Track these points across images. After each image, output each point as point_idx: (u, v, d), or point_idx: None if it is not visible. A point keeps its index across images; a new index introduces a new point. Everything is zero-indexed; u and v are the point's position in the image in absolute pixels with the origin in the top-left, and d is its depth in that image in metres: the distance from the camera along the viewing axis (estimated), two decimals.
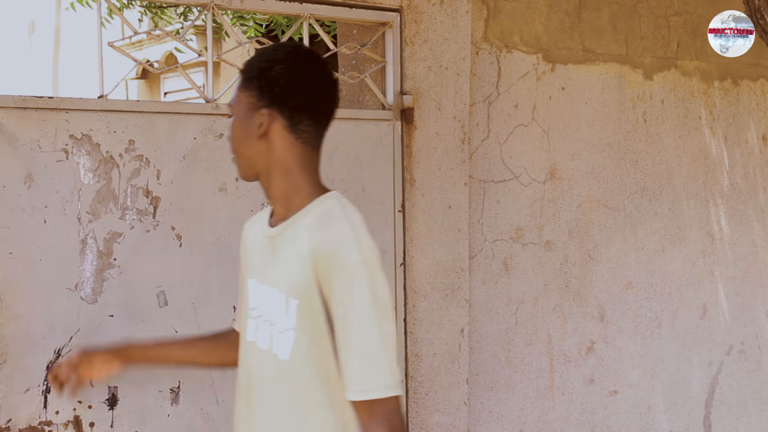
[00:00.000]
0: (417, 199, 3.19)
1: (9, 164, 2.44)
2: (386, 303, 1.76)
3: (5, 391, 2.44)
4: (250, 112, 1.87)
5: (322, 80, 1.88)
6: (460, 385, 3.33)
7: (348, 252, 1.74)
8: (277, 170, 1.88)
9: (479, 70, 3.43)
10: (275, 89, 1.84)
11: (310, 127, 1.87)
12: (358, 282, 1.73)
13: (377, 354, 1.72)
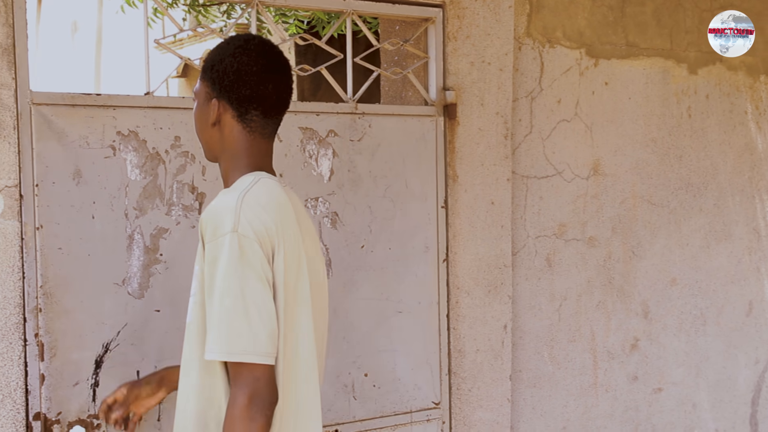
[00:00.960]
0: (460, 195, 3.17)
1: (58, 160, 2.46)
2: (255, 273, 1.80)
3: (55, 385, 2.47)
4: (206, 102, 2.01)
5: (269, 73, 1.98)
6: (503, 382, 3.30)
7: (221, 218, 1.83)
8: (226, 155, 2.02)
9: (522, 65, 3.40)
10: (224, 82, 1.96)
11: (258, 117, 1.99)
12: (225, 248, 1.80)
13: (236, 319, 1.79)
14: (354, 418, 2.99)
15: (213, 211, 1.86)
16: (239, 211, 1.83)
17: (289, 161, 2.84)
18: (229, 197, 1.87)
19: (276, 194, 1.93)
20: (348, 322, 2.98)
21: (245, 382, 1.78)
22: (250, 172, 1.98)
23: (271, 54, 2.00)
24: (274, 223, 1.86)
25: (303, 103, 2.87)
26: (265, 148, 2.04)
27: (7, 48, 2.38)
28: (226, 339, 1.78)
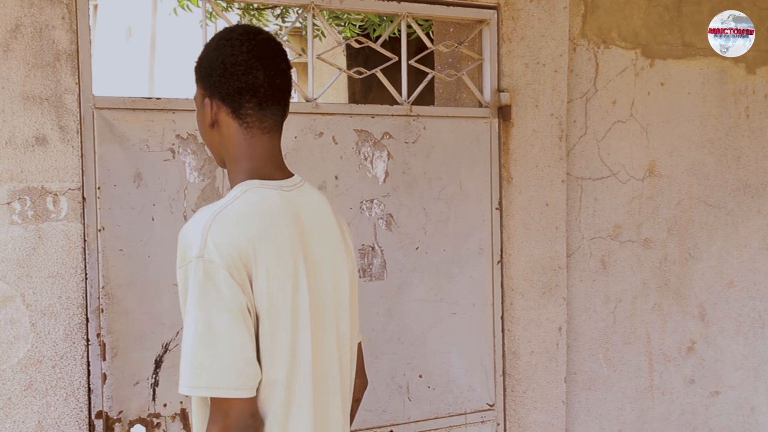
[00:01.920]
0: (514, 197, 3.14)
1: (119, 164, 2.49)
2: (222, 302, 1.66)
3: (116, 384, 2.49)
4: (202, 103, 1.86)
5: (256, 61, 1.81)
6: (557, 384, 3.27)
7: (189, 242, 1.70)
8: (227, 158, 1.88)
9: (577, 66, 3.36)
10: (213, 78, 1.82)
11: (253, 111, 1.83)
12: (191, 276, 1.67)
13: (201, 352, 1.66)
14: (408, 419, 2.98)
15: (183, 233, 1.73)
16: (206, 234, 1.68)
17: (344, 163, 2.84)
18: (201, 217, 1.73)
19: (262, 205, 1.78)
20: (403, 323, 2.96)
21: (215, 416, 1.68)
22: (246, 180, 1.82)
23: (256, 41, 1.84)
24: (250, 241, 1.71)
25: (358, 105, 2.87)
26: (267, 146, 1.87)
27: (70, 54, 2.41)
28: (190, 372, 1.66)
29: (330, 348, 1.90)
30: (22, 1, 2.34)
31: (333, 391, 1.91)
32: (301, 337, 1.78)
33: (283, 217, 1.79)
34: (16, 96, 2.34)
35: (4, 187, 2.34)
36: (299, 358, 1.78)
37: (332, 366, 1.90)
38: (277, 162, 1.89)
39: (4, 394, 2.35)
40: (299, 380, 1.79)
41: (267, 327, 1.73)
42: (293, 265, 1.77)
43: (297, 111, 2.75)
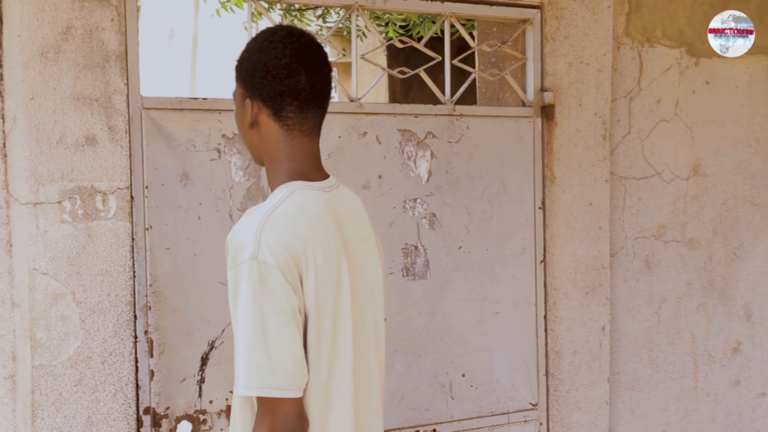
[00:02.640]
0: (557, 196, 3.12)
1: (166, 163, 2.51)
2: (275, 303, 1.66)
3: (163, 381, 2.52)
4: (242, 103, 1.86)
5: (299, 64, 1.79)
6: (601, 384, 3.23)
7: (242, 243, 1.69)
8: (266, 158, 1.87)
9: (620, 65, 3.32)
10: (255, 79, 1.81)
11: (294, 113, 1.82)
12: (244, 277, 1.67)
13: (255, 352, 1.66)
14: (451, 417, 2.97)
15: (235, 234, 1.73)
16: (260, 235, 1.68)
17: (387, 163, 2.83)
18: (253, 218, 1.74)
19: (308, 207, 1.77)
20: (446, 322, 2.95)
21: (263, 416, 1.69)
22: (288, 181, 1.83)
23: (299, 44, 1.81)
24: (300, 242, 1.71)
25: (402, 105, 2.86)
26: (307, 147, 1.86)
27: (119, 55, 2.43)
28: (246, 373, 1.67)
29: (369, 348, 1.91)
30: (72, 4, 2.37)
31: (372, 389, 1.92)
32: (343, 336, 1.79)
33: (327, 219, 1.79)
34: (67, 97, 2.37)
35: (55, 186, 2.37)
36: (341, 358, 1.79)
37: (372, 365, 1.92)
38: (317, 163, 1.89)
39: (56, 390, 2.38)
40: (341, 379, 1.79)
41: (314, 327, 1.74)
42: (337, 266, 1.77)
43: (341, 111, 2.75)
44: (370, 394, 1.91)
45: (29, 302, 2.35)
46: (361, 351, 1.86)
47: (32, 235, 2.34)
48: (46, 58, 2.34)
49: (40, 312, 2.36)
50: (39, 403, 2.37)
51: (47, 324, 2.37)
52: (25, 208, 2.34)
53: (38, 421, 2.37)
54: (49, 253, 2.36)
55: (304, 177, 1.84)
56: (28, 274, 2.35)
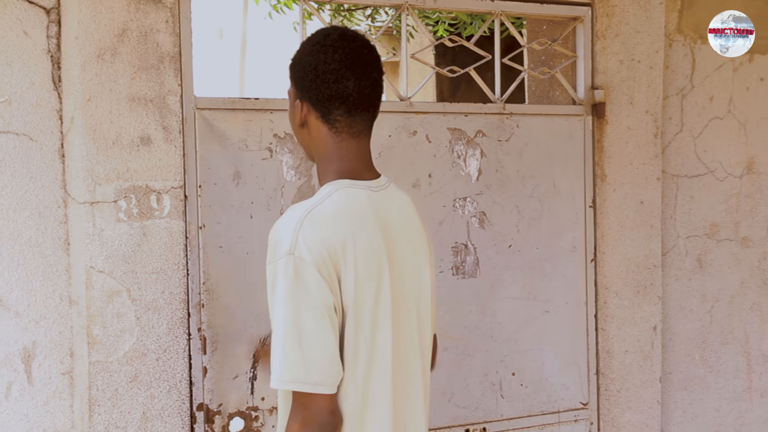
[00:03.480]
0: (608, 195, 3.07)
1: (219, 163, 2.52)
2: (310, 299, 1.67)
3: (216, 378, 2.53)
4: (294, 103, 1.86)
5: (347, 70, 1.79)
6: (652, 384, 3.18)
7: (280, 238, 1.70)
8: (317, 156, 1.88)
9: (672, 62, 3.27)
10: (305, 82, 1.82)
11: (342, 117, 1.81)
12: (281, 272, 1.68)
13: (289, 347, 1.67)
14: (501, 416, 2.94)
15: (275, 229, 1.75)
16: (298, 232, 1.69)
17: (437, 162, 2.81)
18: (293, 214, 1.74)
19: (351, 205, 1.77)
20: (495, 321, 2.93)
21: (296, 410, 1.70)
22: (335, 179, 1.82)
23: (350, 48, 1.80)
24: (339, 240, 1.71)
25: (452, 104, 2.84)
26: (356, 148, 1.85)
27: (173, 56, 2.45)
28: (280, 367, 1.68)
29: (413, 349, 1.89)
30: (128, 6, 2.39)
31: (415, 391, 1.90)
32: (382, 336, 1.78)
33: (370, 218, 1.78)
34: (123, 98, 2.39)
35: (111, 185, 2.39)
36: (379, 358, 1.78)
37: (415, 367, 1.90)
38: (367, 163, 1.88)
39: (112, 386, 2.41)
40: (379, 379, 1.78)
41: (351, 325, 1.73)
42: (378, 266, 1.76)
43: (391, 110, 2.74)
44: (413, 395, 1.89)
45: (86, 300, 2.37)
46: (403, 352, 1.85)
47: (89, 234, 2.37)
48: (103, 60, 2.36)
49: (96, 309, 2.38)
50: (96, 398, 2.39)
51: (104, 321, 2.39)
52: (82, 207, 2.36)
53: (95, 416, 2.39)
54: (105, 251, 2.38)
55: (352, 176, 1.84)
56: (85, 272, 2.37)
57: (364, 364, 1.76)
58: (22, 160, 2.38)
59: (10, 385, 2.40)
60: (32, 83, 2.39)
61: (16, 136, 2.37)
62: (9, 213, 2.38)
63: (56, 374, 2.45)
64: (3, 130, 2.36)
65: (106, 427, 2.40)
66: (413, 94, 2.79)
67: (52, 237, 2.43)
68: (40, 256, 2.42)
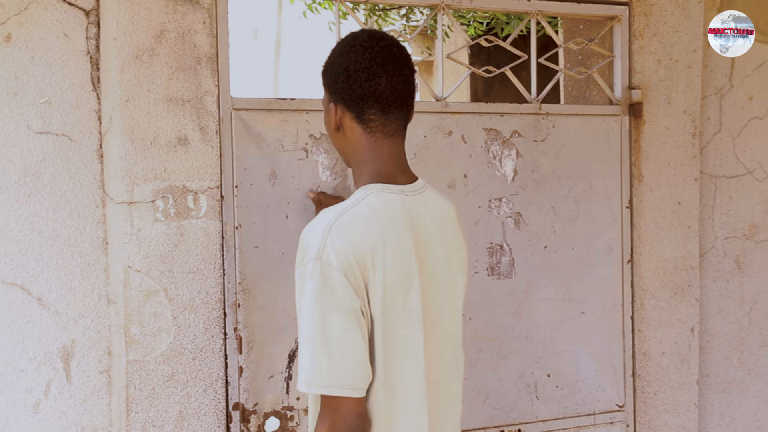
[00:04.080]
0: (645, 195, 3.03)
1: (255, 163, 2.51)
2: (337, 303, 1.67)
3: (252, 377, 2.53)
4: (328, 107, 1.88)
5: (378, 67, 1.80)
6: (689, 386, 3.14)
7: (309, 243, 1.72)
8: (352, 159, 1.89)
9: (711, 61, 3.21)
10: (337, 84, 1.83)
11: (376, 116, 1.83)
12: (308, 276, 1.69)
13: (317, 351, 1.67)
14: (537, 418, 2.91)
15: (304, 234, 1.76)
16: (326, 236, 1.70)
17: (473, 162, 2.79)
18: (323, 219, 1.75)
19: (382, 210, 1.77)
20: (531, 322, 2.90)
21: (324, 413, 1.71)
22: (369, 183, 1.83)
23: (379, 47, 1.83)
24: (368, 245, 1.71)
25: (487, 104, 2.81)
26: (390, 149, 1.87)
27: (210, 57, 2.45)
28: (308, 371, 1.69)
29: (446, 352, 1.89)
30: (166, 8, 2.39)
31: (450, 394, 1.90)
32: (413, 340, 1.78)
33: (402, 223, 1.78)
34: (160, 98, 2.40)
35: (148, 185, 2.39)
36: (410, 361, 1.78)
37: (449, 370, 1.90)
38: (401, 166, 1.89)
39: (149, 384, 2.41)
40: (410, 383, 1.78)
41: (380, 329, 1.74)
42: (408, 270, 1.76)
43: (426, 110, 2.72)
44: (445, 397, 1.89)
45: (124, 299, 2.38)
46: (435, 355, 1.85)
47: (127, 234, 2.37)
48: (141, 61, 2.37)
49: (134, 308, 2.39)
50: (133, 397, 2.40)
51: (141, 320, 2.40)
52: (120, 207, 2.37)
53: (132, 414, 2.40)
54: (142, 251, 2.39)
55: (387, 179, 1.84)
56: (122, 272, 2.38)
57: (394, 367, 1.76)
58: (62, 160, 2.39)
59: (49, 383, 2.41)
60: (72, 84, 2.40)
61: (55, 136, 2.39)
62: (49, 213, 2.39)
63: (94, 373, 2.46)
64: (43, 130, 2.37)
65: (144, 425, 2.41)
66: (449, 94, 2.77)
67: (91, 236, 2.44)
68: (79, 255, 2.43)
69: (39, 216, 2.38)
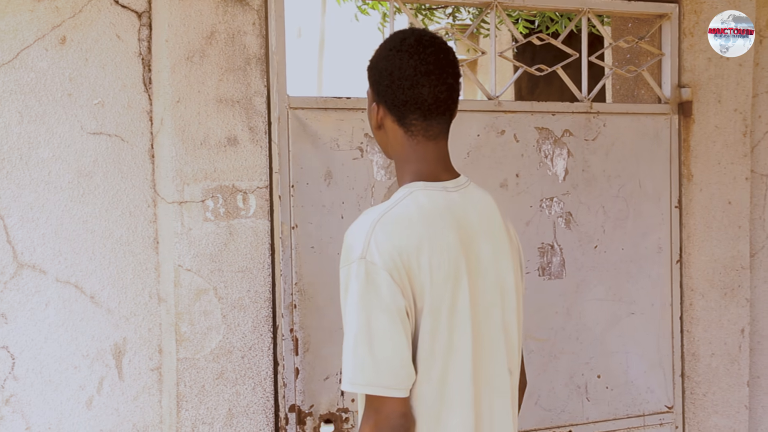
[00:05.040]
0: (694, 195, 2.98)
1: (312, 162, 2.50)
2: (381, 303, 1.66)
3: (307, 379, 2.51)
4: (371, 105, 1.87)
5: (422, 76, 1.77)
6: (740, 387, 3.08)
7: (353, 242, 1.70)
8: (395, 157, 1.87)
9: (763, 59, 3.15)
10: (381, 86, 1.81)
11: (417, 121, 1.81)
12: (353, 276, 1.67)
13: (361, 351, 1.66)
14: (587, 419, 2.87)
15: (348, 234, 1.74)
16: (370, 236, 1.69)
17: (525, 161, 2.76)
18: (367, 218, 1.74)
19: (426, 208, 1.75)
20: (581, 322, 2.86)
21: (367, 413, 1.70)
22: (412, 182, 1.82)
23: (425, 54, 1.78)
24: (412, 243, 1.69)
25: (540, 103, 2.78)
26: (432, 151, 1.84)
27: (259, 58, 2.44)
28: (351, 370, 1.68)
29: (497, 349, 1.85)
30: (216, 9, 2.39)
31: (501, 392, 1.87)
32: (460, 337, 1.75)
33: (446, 219, 1.76)
34: (211, 99, 2.39)
35: (198, 185, 2.39)
36: (457, 359, 1.76)
37: (500, 367, 1.86)
38: (445, 164, 1.87)
39: (199, 382, 2.41)
40: (457, 380, 1.76)
41: (426, 327, 1.72)
42: (454, 267, 1.74)
43: (479, 109, 2.70)
44: (497, 396, 1.86)
45: (174, 297, 2.38)
46: (484, 352, 1.82)
47: (177, 233, 2.37)
48: (192, 62, 2.37)
49: (184, 307, 2.39)
50: (183, 394, 2.40)
51: (191, 318, 2.40)
52: (171, 207, 2.37)
53: (182, 411, 2.40)
54: (193, 250, 2.39)
55: (429, 177, 1.83)
56: (173, 271, 2.38)
57: (440, 365, 1.74)
58: (114, 160, 2.40)
59: (102, 380, 2.42)
60: (124, 85, 2.40)
61: (108, 137, 2.39)
62: (101, 212, 2.40)
63: (145, 370, 2.46)
64: (96, 131, 2.38)
65: (193, 422, 2.41)
66: (501, 92, 2.74)
67: (142, 236, 2.45)
68: (131, 254, 2.44)
69: (92, 215, 2.39)
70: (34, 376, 2.35)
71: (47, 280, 2.35)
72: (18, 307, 2.33)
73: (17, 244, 2.32)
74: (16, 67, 2.31)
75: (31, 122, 2.32)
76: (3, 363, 2.32)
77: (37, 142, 2.33)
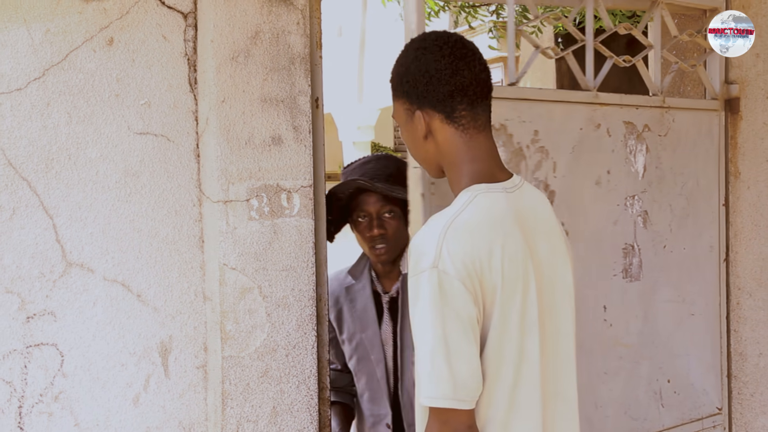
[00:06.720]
0: (742, 193, 2.92)
1: None
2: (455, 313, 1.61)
3: None
4: (409, 118, 1.81)
5: (459, 61, 1.76)
6: None
7: (423, 250, 1.65)
8: (446, 165, 1.82)
9: None
10: (419, 89, 1.77)
11: (466, 111, 1.78)
12: (424, 286, 1.62)
13: (438, 363, 1.62)
14: (663, 426, 2.78)
15: (417, 240, 1.71)
16: (441, 243, 1.65)
17: (614, 157, 2.66)
18: (435, 225, 1.70)
19: (492, 211, 1.72)
20: (655, 326, 2.78)
21: (433, 425, 1.66)
22: (470, 185, 1.78)
23: (452, 43, 1.79)
24: (483, 249, 1.66)
25: (626, 96, 2.67)
26: (485, 145, 1.82)
27: (303, 57, 2.43)
28: (430, 385, 1.64)
29: (562, 351, 1.83)
30: (261, 9, 2.38)
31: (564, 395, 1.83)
32: (529, 342, 1.72)
33: (511, 222, 1.73)
34: (255, 98, 2.39)
35: (243, 184, 2.39)
36: (527, 362, 1.72)
37: (565, 370, 1.83)
38: (497, 161, 1.83)
39: (244, 380, 2.41)
40: (526, 385, 1.72)
41: (497, 332, 1.68)
42: (523, 269, 1.70)
43: (580, 101, 2.60)
44: (561, 400, 1.82)
45: (219, 296, 2.38)
46: (550, 355, 1.79)
47: (222, 232, 2.37)
48: (237, 62, 2.36)
49: (229, 305, 2.39)
50: (228, 392, 2.40)
51: (236, 317, 2.39)
52: (216, 206, 2.37)
53: (228, 409, 2.40)
54: (237, 249, 2.38)
55: (487, 178, 1.78)
56: (218, 269, 2.38)
57: (512, 370, 1.71)
58: (160, 160, 2.40)
59: (148, 377, 2.43)
60: (170, 85, 2.40)
61: (154, 137, 2.40)
62: (148, 211, 2.40)
63: (191, 368, 2.46)
64: (142, 131, 2.38)
65: (238, 420, 2.41)
66: (598, 82, 2.62)
67: (188, 235, 2.44)
68: (177, 253, 2.44)
69: (138, 214, 2.39)
70: (82, 374, 2.36)
71: (95, 279, 2.36)
72: (67, 306, 2.34)
73: (66, 243, 2.33)
74: (65, 69, 2.31)
75: (79, 123, 2.33)
76: (52, 360, 2.33)
77: (85, 142, 2.33)
